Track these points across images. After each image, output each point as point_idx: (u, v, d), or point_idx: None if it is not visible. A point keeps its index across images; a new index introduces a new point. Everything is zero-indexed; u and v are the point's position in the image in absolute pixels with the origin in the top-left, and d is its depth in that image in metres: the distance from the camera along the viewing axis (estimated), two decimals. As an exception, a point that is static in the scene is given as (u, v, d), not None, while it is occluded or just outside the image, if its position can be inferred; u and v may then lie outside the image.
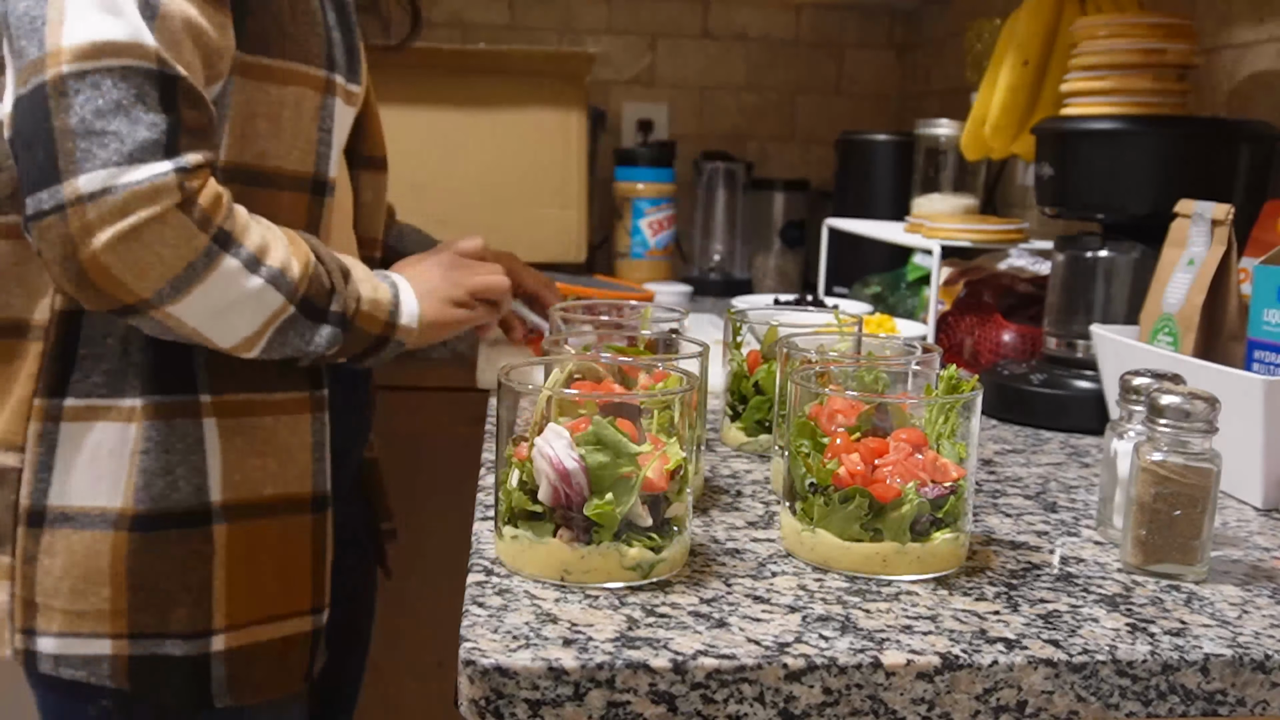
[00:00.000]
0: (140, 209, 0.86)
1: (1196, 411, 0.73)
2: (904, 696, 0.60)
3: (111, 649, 0.98)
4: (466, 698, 0.58)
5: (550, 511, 0.68)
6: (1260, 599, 0.72)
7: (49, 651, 0.98)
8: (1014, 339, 1.36)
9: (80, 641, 0.98)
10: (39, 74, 0.85)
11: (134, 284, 0.88)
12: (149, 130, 0.86)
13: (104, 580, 0.97)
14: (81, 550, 0.97)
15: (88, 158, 0.85)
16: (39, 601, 0.98)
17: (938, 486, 0.71)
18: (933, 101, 2.32)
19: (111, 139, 0.85)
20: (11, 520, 0.99)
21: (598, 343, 0.91)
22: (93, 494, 0.97)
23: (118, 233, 0.85)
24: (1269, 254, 1.00)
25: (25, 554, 0.98)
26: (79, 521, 0.97)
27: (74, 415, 0.98)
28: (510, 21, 2.36)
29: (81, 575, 0.97)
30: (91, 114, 0.85)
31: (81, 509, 0.97)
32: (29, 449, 0.98)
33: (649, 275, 2.12)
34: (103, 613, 0.98)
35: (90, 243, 0.85)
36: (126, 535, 0.97)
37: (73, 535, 0.97)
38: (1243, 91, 1.35)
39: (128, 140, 0.86)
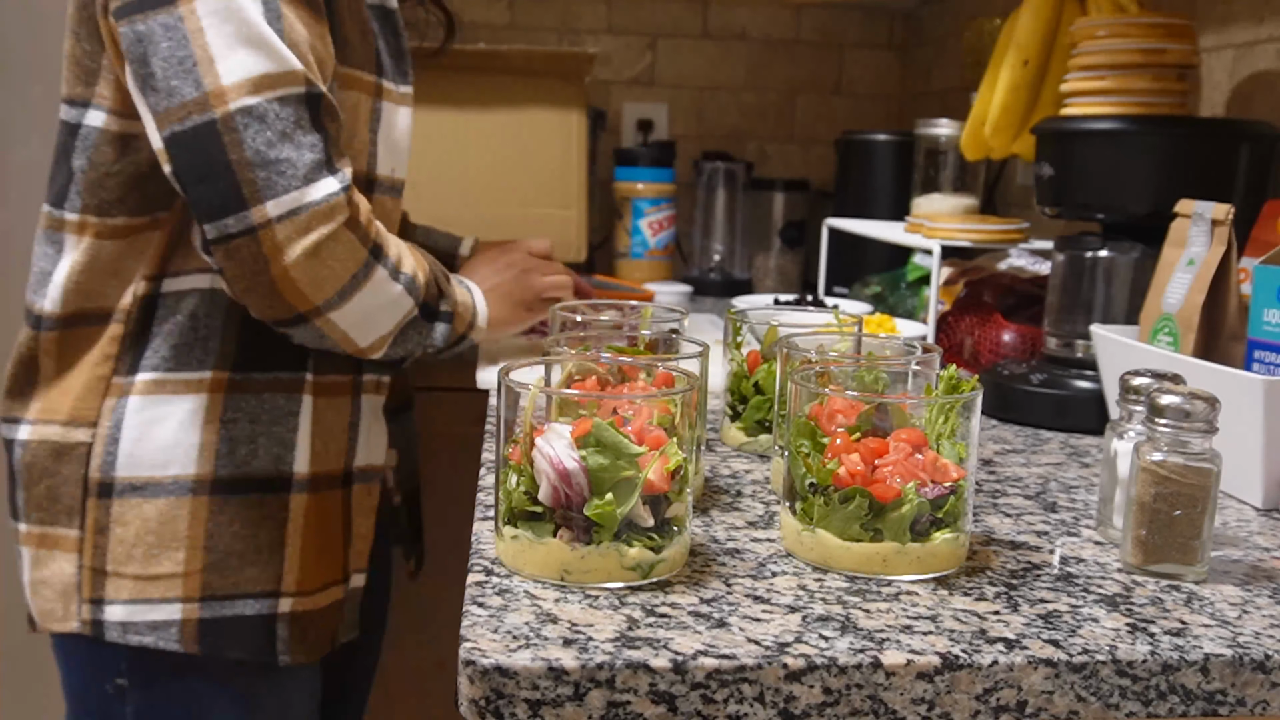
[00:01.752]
0: (320, 226, 0.96)
1: (1196, 411, 0.73)
2: (904, 696, 0.60)
3: (182, 613, 1.04)
4: (466, 698, 0.58)
5: (550, 512, 0.68)
6: (1260, 599, 0.72)
7: (117, 619, 1.03)
8: (1014, 339, 1.36)
9: (150, 607, 1.03)
10: (205, 112, 0.93)
11: (312, 294, 0.98)
12: (312, 151, 0.96)
13: (179, 544, 1.03)
14: (155, 516, 1.03)
15: (269, 186, 0.94)
16: (109, 570, 1.03)
17: (938, 486, 0.71)
18: (933, 101, 2.32)
19: (286, 166, 0.94)
20: (80, 493, 1.04)
21: (597, 342, 0.91)
22: (164, 463, 1.04)
23: (304, 249, 0.96)
24: (1269, 254, 1.00)
25: (97, 525, 1.04)
26: (149, 490, 1.03)
27: (144, 389, 1.04)
28: (510, 21, 2.36)
29: (156, 541, 1.03)
30: (264, 145, 0.94)
31: (150, 478, 1.03)
32: (100, 424, 1.04)
33: (649, 275, 2.12)
34: (175, 576, 1.03)
35: (281, 260, 0.95)
36: (207, 499, 1.04)
37: (144, 504, 1.03)
38: (1243, 91, 1.35)
39: (300, 165, 0.95)
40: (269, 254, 0.95)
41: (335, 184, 0.97)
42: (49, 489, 1.06)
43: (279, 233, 0.95)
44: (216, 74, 0.93)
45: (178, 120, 0.94)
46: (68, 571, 1.05)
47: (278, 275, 0.96)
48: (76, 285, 1.05)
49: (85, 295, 1.05)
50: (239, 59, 0.94)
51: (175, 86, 0.94)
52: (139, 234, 1.05)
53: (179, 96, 0.94)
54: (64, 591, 1.05)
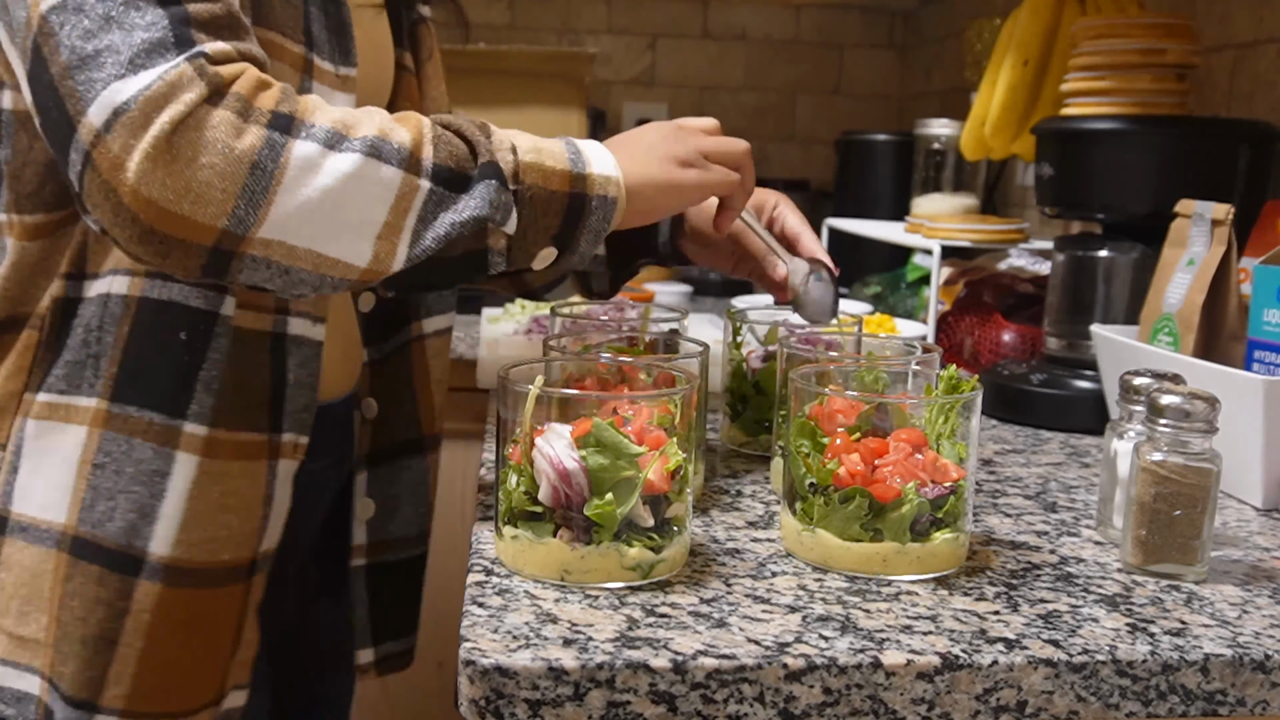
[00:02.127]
0: (159, 113, 0.69)
1: (1196, 411, 0.73)
2: (904, 696, 0.60)
3: (39, 690, 0.85)
4: (466, 698, 0.58)
5: (550, 512, 0.68)
6: (1260, 599, 0.72)
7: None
8: (1014, 339, 1.36)
9: (15, 674, 0.86)
10: (29, 31, 0.73)
11: (196, 213, 0.70)
12: (146, 32, 0.71)
13: (43, 606, 0.84)
14: (30, 567, 0.85)
15: (89, 87, 0.70)
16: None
17: (938, 486, 0.71)
18: (933, 101, 2.32)
19: (108, 55, 0.70)
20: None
21: (597, 343, 0.91)
22: (44, 505, 0.85)
23: (145, 152, 0.69)
24: (1269, 254, 1.00)
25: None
26: (31, 534, 0.85)
27: (40, 412, 0.85)
28: (510, 21, 2.36)
29: (27, 595, 0.85)
30: (80, 39, 0.71)
31: (34, 521, 0.85)
32: (7, 446, 0.86)
33: (649, 275, 2.11)
34: (39, 643, 0.85)
35: (125, 178, 0.69)
36: (67, 558, 0.84)
37: (25, 549, 0.85)
38: (1243, 91, 1.35)
39: (124, 49, 0.70)
40: (109, 177, 0.70)
41: (176, 58, 0.71)
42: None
43: (111, 144, 0.69)
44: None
45: (24, 56, 0.74)
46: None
47: (130, 201, 0.70)
48: (5, 290, 0.87)
49: (13, 301, 0.87)
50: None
51: (16, 16, 0.75)
52: (58, 230, 0.86)
53: (17, 25, 0.74)
54: None
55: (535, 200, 0.78)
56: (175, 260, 0.73)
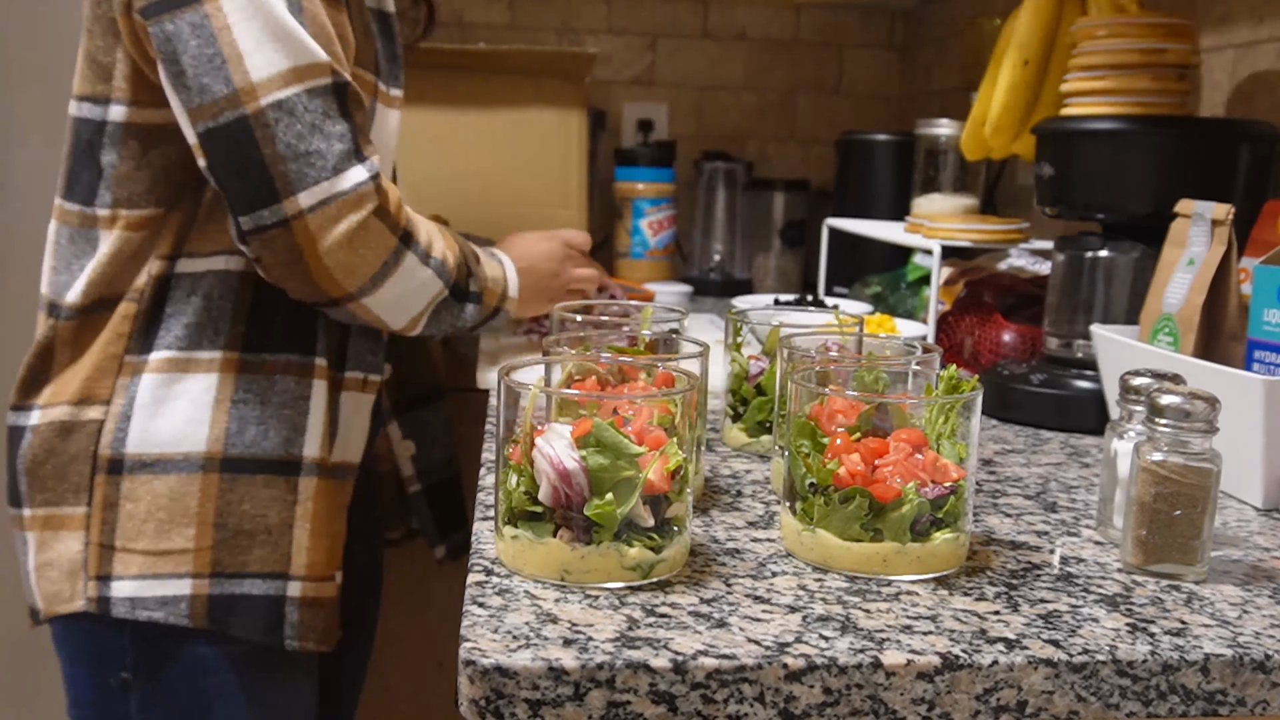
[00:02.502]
0: (350, 214, 1.00)
1: (1196, 411, 0.73)
2: (904, 696, 0.60)
3: (192, 588, 1.04)
4: (466, 698, 0.58)
5: (550, 512, 0.68)
6: (1260, 599, 0.72)
7: (125, 595, 1.03)
8: (1014, 339, 1.36)
9: (159, 583, 1.03)
10: (237, 108, 0.96)
11: (345, 281, 1.02)
12: (340, 141, 1.00)
13: (190, 520, 1.04)
14: (166, 493, 1.04)
15: (301, 178, 0.98)
16: (118, 545, 1.03)
17: (938, 486, 0.71)
18: (933, 101, 2.32)
19: (316, 158, 0.98)
20: (89, 470, 1.05)
21: (598, 341, 0.91)
22: (176, 440, 1.04)
23: (335, 239, 1.00)
24: (1269, 254, 1.00)
25: (106, 501, 1.04)
26: (160, 466, 1.04)
27: (157, 367, 1.05)
28: (510, 21, 2.36)
29: (167, 516, 1.03)
30: (294, 139, 0.97)
31: (162, 455, 1.04)
32: (114, 401, 1.05)
33: (649, 275, 2.12)
34: (186, 552, 1.04)
35: (315, 249, 0.99)
36: (218, 477, 1.05)
37: (155, 480, 1.04)
38: (1243, 91, 1.35)
39: (329, 156, 0.99)
40: (302, 244, 0.99)
41: (364, 172, 1.00)
42: (56, 468, 1.06)
43: (311, 223, 0.98)
44: (245, 70, 0.96)
45: (210, 117, 0.97)
46: (74, 549, 1.05)
47: (312, 264, 1.00)
48: (102, 274, 1.07)
49: (108, 283, 1.07)
50: (266, 54, 0.97)
51: (206, 84, 0.97)
52: (161, 221, 1.07)
53: (210, 94, 0.97)
54: (70, 571, 1.05)
55: (484, 309, 1.19)
56: (306, 296, 1.04)
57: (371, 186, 1.01)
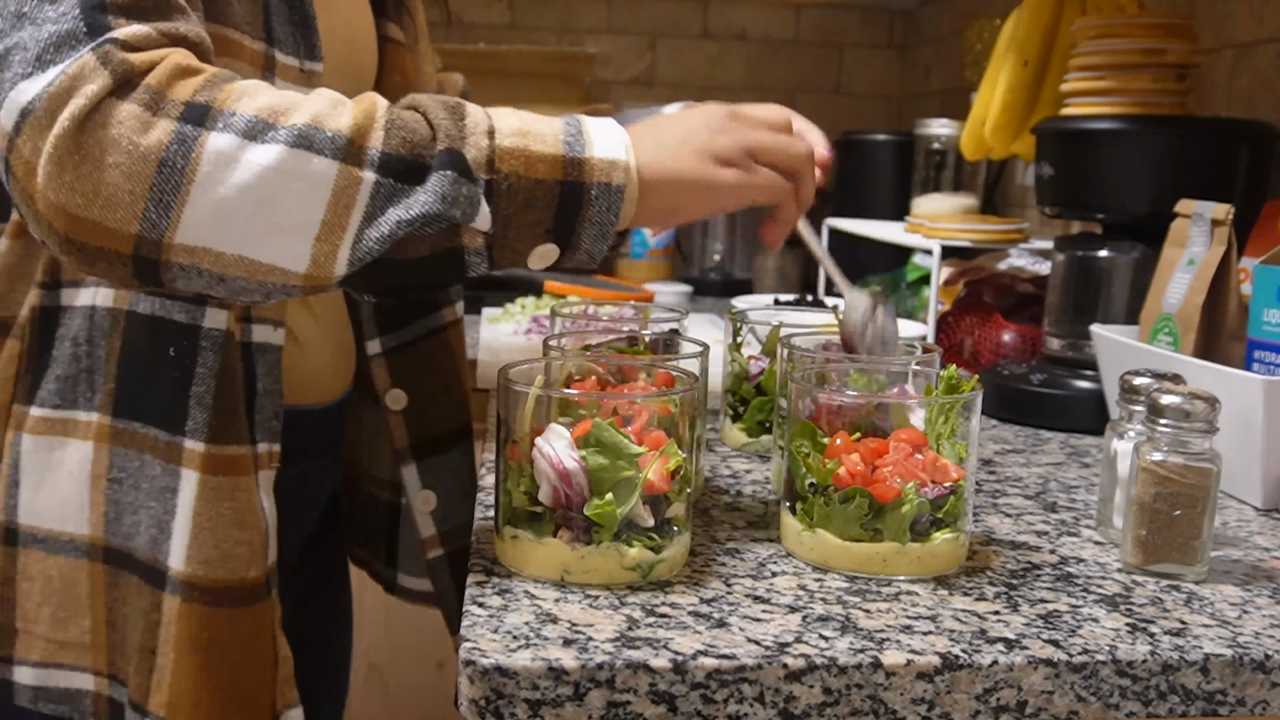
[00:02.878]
0: (61, 109, 0.64)
1: (1196, 411, 0.73)
2: (904, 696, 0.60)
3: (94, 685, 0.86)
4: (466, 698, 0.58)
5: (550, 512, 0.68)
6: (1260, 599, 0.72)
7: (28, 683, 0.86)
8: (1014, 339, 1.36)
9: (63, 674, 0.86)
10: None
11: (107, 218, 0.65)
12: (57, 23, 0.66)
13: (84, 611, 0.85)
14: (59, 576, 0.85)
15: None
16: (19, 626, 0.86)
17: (938, 486, 0.71)
18: (933, 101, 2.32)
19: (16, 53, 0.66)
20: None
21: (601, 339, 0.91)
22: (61, 518, 0.84)
23: (49, 155, 0.64)
24: (1269, 254, 1.00)
25: (3, 574, 0.86)
26: (50, 545, 0.85)
27: (36, 427, 0.84)
28: (510, 21, 2.36)
29: (60, 603, 0.85)
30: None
31: (50, 532, 0.84)
32: (2, 460, 0.84)
33: (649, 275, 2.12)
34: (84, 645, 0.85)
35: (35, 183, 0.65)
36: (103, 569, 0.84)
37: (47, 559, 0.84)
38: (1243, 91, 1.35)
39: (32, 46, 0.65)
40: (24, 182, 0.65)
41: (81, 50, 0.65)
42: None
43: (23, 147, 0.65)
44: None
45: None
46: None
47: (45, 209, 0.65)
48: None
49: None
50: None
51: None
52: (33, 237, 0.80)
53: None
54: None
55: (515, 190, 0.69)
56: (103, 269, 0.68)
57: (90, 58, 0.64)
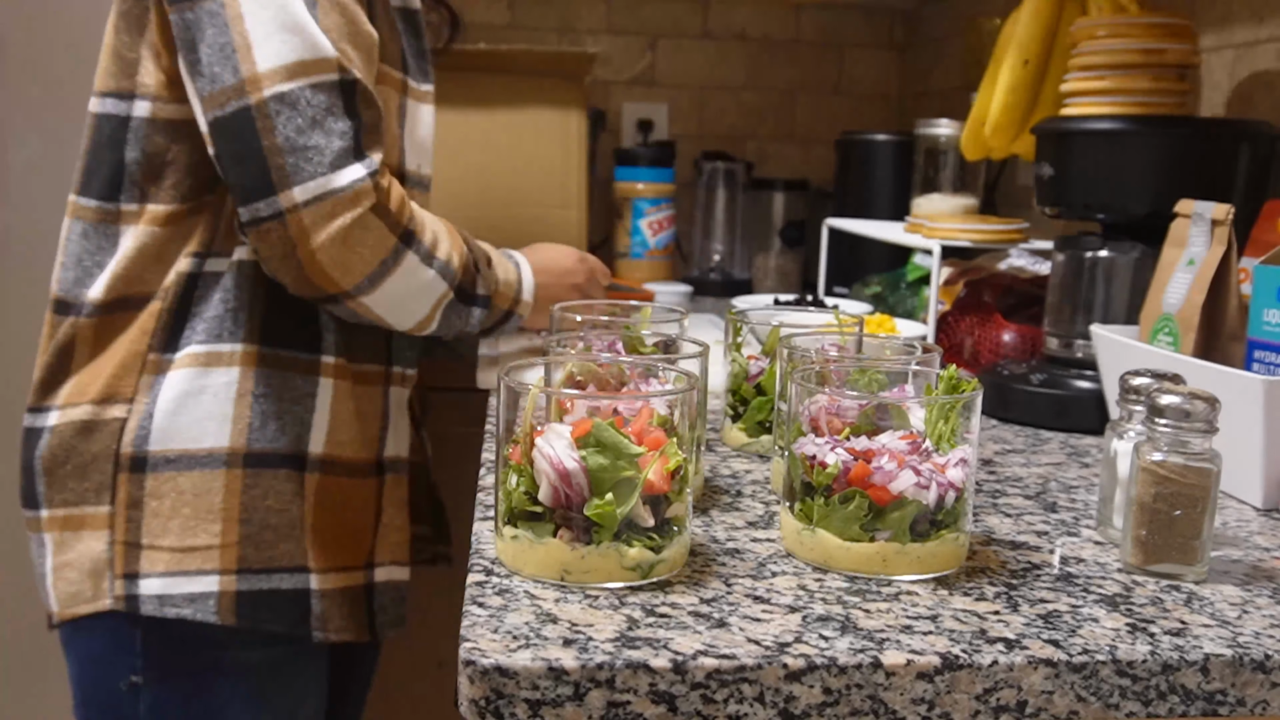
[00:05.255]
0: (346, 211, 0.99)
1: (1196, 411, 0.73)
2: (904, 696, 0.60)
3: (219, 585, 1.04)
4: (466, 698, 0.58)
5: (550, 512, 0.68)
6: (1260, 599, 0.72)
7: (153, 592, 1.03)
8: (1014, 339, 1.36)
9: (186, 579, 1.04)
10: (241, 98, 0.97)
11: (340, 279, 1.01)
12: (341, 139, 0.99)
13: (215, 516, 1.04)
14: (191, 489, 1.04)
15: (297, 172, 0.97)
16: (145, 543, 1.04)
17: (938, 486, 0.71)
18: (933, 101, 2.32)
19: (314, 153, 0.97)
20: (111, 469, 1.05)
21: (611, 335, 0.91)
22: (198, 436, 1.05)
23: (330, 235, 0.98)
24: (1269, 254, 1.00)
25: (130, 499, 1.04)
26: (184, 463, 1.04)
27: (182, 364, 1.05)
28: (510, 21, 2.36)
29: (191, 513, 1.04)
30: (294, 132, 0.97)
31: (185, 451, 1.04)
32: (137, 399, 1.05)
33: (649, 275, 2.12)
34: (212, 548, 1.04)
35: (308, 244, 0.98)
36: (241, 472, 1.05)
37: (179, 477, 1.04)
38: (1243, 91, 1.35)
39: (327, 152, 0.98)
40: (296, 238, 0.98)
41: (361, 169, 0.99)
42: (76, 468, 1.06)
43: (305, 218, 0.97)
44: (253, 60, 0.97)
45: (219, 105, 0.98)
46: (97, 549, 1.05)
47: (305, 259, 0.99)
48: (125, 272, 1.07)
49: (130, 281, 1.07)
50: (274, 45, 0.97)
51: (217, 73, 0.98)
52: (187, 218, 1.08)
53: (220, 82, 0.98)
54: (93, 570, 1.05)
55: (494, 311, 1.17)
56: (303, 292, 1.03)
57: (369, 184, 1.00)
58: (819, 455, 0.72)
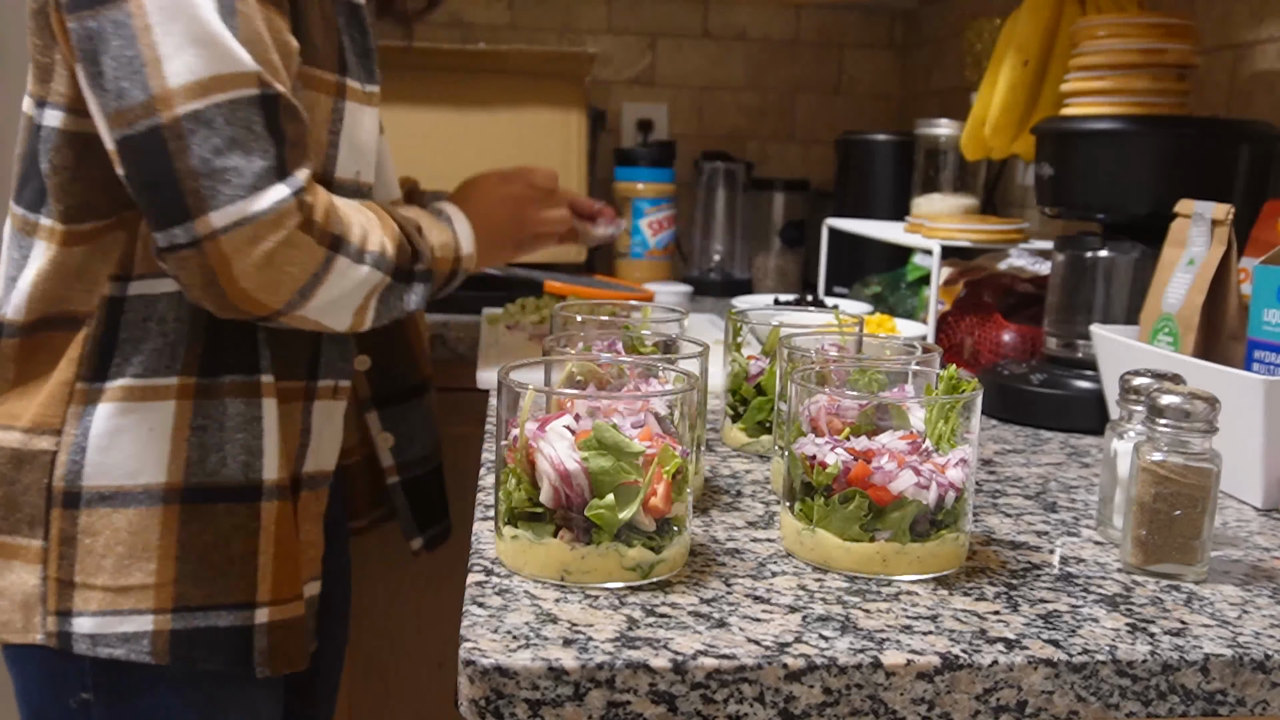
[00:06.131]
0: (269, 235, 0.92)
1: (1196, 411, 0.73)
2: (904, 696, 0.60)
3: (154, 624, 1.00)
4: (466, 698, 0.58)
5: (550, 512, 0.68)
6: (1260, 599, 0.72)
7: (86, 631, 0.99)
8: (1014, 339, 1.36)
9: (120, 619, 0.99)
10: (151, 117, 0.90)
11: (268, 300, 0.95)
12: (262, 158, 0.92)
13: (150, 554, 1.00)
14: (126, 526, 0.99)
15: (213, 195, 0.90)
16: (78, 581, 0.99)
17: (938, 486, 0.71)
18: (933, 101, 2.32)
19: (232, 174, 0.90)
20: (44, 503, 1.00)
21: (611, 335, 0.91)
22: (134, 471, 0.99)
23: (253, 261, 0.92)
24: (1269, 254, 1.00)
25: (62, 535, 0.99)
26: (119, 499, 0.99)
27: (113, 396, 1.00)
28: (510, 21, 2.36)
29: (126, 551, 0.99)
30: (210, 153, 0.90)
31: (120, 487, 0.99)
32: (66, 431, 0.99)
33: (649, 275, 2.12)
34: (147, 588, 1.00)
35: (230, 271, 0.92)
36: (179, 508, 1.00)
37: (114, 514, 0.99)
38: (1243, 91, 1.35)
39: (247, 173, 0.91)
40: (216, 266, 0.92)
41: (285, 190, 0.93)
42: (7, 497, 1.00)
43: (224, 245, 0.91)
44: (163, 75, 0.89)
45: (127, 124, 0.91)
46: (29, 583, 1.00)
47: (228, 287, 0.93)
48: (42, 292, 1.01)
49: (50, 301, 1.01)
50: (186, 59, 0.89)
51: (124, 88, 0.90)
52: (104, 236, 1.01)
53: (128, 99, 0.90)
54: (24, 603, 1.01)
55: (436, 277, 1.12)
56: (228, 314, 0.97)
57: (293, 203, 0.93)
58: (819, 455, 0.72)
